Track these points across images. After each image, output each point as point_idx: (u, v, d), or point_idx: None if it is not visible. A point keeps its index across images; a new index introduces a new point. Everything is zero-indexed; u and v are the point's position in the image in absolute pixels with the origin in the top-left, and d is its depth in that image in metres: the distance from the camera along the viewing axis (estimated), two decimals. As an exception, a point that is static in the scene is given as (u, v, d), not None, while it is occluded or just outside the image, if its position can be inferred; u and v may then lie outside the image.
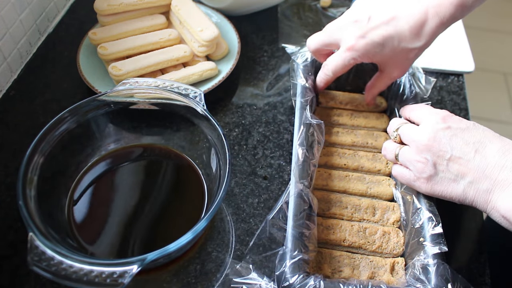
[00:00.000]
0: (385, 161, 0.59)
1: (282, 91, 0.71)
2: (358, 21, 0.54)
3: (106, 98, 0.53)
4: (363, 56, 0.54)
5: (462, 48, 0.78)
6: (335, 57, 0.56)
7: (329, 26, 0.58)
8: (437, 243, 0.47)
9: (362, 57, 0.54)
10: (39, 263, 0.39)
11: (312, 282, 0.43)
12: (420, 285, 0.45)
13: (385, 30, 0.52)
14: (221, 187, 0.46)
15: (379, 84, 0.60)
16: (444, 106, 0.70)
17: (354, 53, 0.54)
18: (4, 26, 0.66)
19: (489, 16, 2.16)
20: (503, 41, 2.12)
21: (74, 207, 0.51)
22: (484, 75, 1.95)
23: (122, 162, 0.56)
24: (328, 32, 0.58)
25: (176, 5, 0.72)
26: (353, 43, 0.54)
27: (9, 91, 0.68)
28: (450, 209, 0.52)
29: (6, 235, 0.53)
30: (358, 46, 0.54)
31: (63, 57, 0.73)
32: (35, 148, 0.47)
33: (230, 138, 0.64)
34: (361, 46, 0.53)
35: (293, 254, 0.45)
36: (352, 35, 0.54)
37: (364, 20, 0.53)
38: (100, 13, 0.70)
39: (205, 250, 0.53)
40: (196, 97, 0.53)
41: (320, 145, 0.56)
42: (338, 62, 0.56)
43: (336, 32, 0.56)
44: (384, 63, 0.56)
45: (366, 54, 0.54)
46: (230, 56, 0.71)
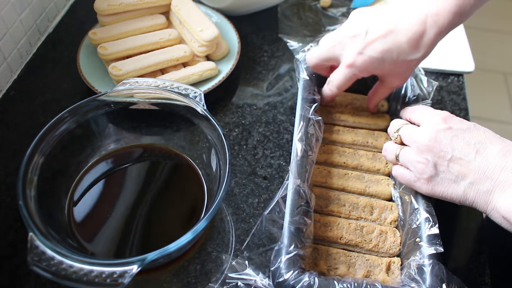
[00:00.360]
0: (385, 161, 0.59)
1: (282, 91, 0.71)
2: (356, 36, 0.54)
3: (106, 98, 0.53)
4: (363, 71, 0.55)
5: (462, 48, 0.78)
6: (337, 74, 0.57)
7: (326, 40, 0.58)
8: (433, 244, 0.47)
9: (362, 72, 0.55)
10: (39, 263, 0.39)
11: (307, 278, 0.43)
12: (415, 285, 0.45)
13: (383, 44, 0.52)
14: (221, 187, 0.46)
15: (380, 93, 0.60)
16: (444, 106, 0.70)
17: (354, 70, 0.55)
18: (4, 26, 0.66)
19: (489, 16, 2.16)
20: (503, 41, 2.12)
21: (74, 207, 0.51)
22: (484, 75, 1.95)
23: (122, 162, 0.56)
24: (326, 47, 0.57)
25: (176, 5, 0.72)
26: (352, 60, 0.54)
27: (9, 91, 0.68)
28: (450, 209, 0.52)
29: (6, 235, 0.53)
30: (358, 63, 0.54)
31: (63, 57, 0.73)
32: (35, 148, 0.47)
33: (230, 138, 0.64)
34: (360, 63, 0.54)
35: (288, 250, 0.45)
36: (351, 52, 0.54)
37: (362, 34, 0.53)
38: (100, 13, 0.70)
39: (205, 250, 0.53)
40: (196, 97, 0.53)
41: (318, 141, 0.56)
42: (341, 78, 0.57)
43: (335, 47, 0.56)
44: (384, 75, 0.57)
45: (366, 69, 0.55)
46: (230, 56, 0.71)
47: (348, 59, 0.54)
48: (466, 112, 0.70)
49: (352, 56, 0.54)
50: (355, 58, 0.54)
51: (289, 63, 0.75)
